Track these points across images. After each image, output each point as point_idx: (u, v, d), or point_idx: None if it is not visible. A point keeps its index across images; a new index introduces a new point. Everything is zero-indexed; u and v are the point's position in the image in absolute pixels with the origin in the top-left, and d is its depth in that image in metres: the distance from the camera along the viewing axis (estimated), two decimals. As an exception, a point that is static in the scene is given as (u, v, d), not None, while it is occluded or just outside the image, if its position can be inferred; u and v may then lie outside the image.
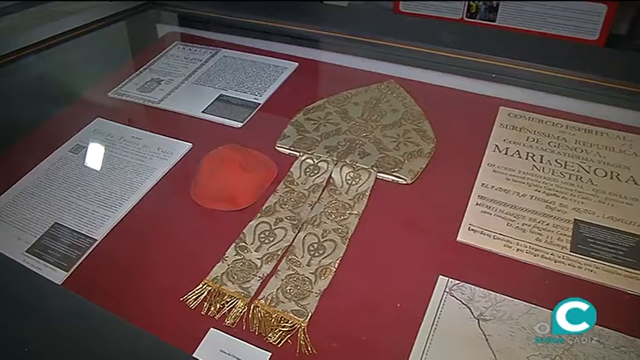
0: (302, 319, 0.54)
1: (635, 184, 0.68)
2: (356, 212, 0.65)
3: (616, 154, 0.73)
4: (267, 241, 0.63)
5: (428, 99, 0.83)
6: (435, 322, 0.53)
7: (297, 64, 0.95)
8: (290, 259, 0.60)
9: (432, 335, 0.52)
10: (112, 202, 0.69)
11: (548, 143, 0.74)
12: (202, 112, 0.85)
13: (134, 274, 0.61)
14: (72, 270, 0.62)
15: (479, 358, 0.50)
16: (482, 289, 0.56)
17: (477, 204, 0.65)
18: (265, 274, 0.59)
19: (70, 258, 0.63)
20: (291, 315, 0.55)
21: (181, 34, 1.12)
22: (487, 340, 0.52)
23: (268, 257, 0.61)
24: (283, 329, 0.54)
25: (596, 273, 0.57)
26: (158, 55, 1.02)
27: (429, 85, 0.88)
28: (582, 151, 0.73)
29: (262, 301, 0.56)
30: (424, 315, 0.54)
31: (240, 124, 0.81)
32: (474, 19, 1.16)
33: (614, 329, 0.52)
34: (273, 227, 0.64)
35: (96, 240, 0.65)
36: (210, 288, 0.58)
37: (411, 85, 0.86)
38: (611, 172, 0.69)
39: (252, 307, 0.56)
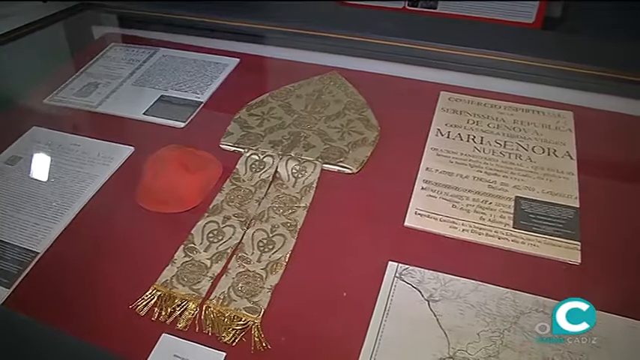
0: (255, 316, 0.54)
1: (571, 158, 0.70)
2: (303, 205, 0.65)
3: (552, 131, 0.75)
4: (215, 240, 0.62)
5: (371, 88, 0.84)
6: (387, 308, 0.54)
7: (238, 59, 0.94)
8: (240, 257, 0.60)
9: (384, 320, 0.53)
10: (53, 213, 0.67)
11: (488, 124, 0.76)
12: (143, 113, 0.83)
13: (81, 285, 0.60)
14: (14, 286, 0.59)
15: (431, 339, 0.51)
16: (431, 271, 0.57)
17: (422, 188, 0.66)
18: (216, 274, 0.58)
19: (11, 274, 0.60)
20: (244, 312, 0.54)
21: (118, 35, 1.09)
22: (438, 320, 0.53)
23: (218, 256, 0.60)
24: (237, 328, 0.53)
25: (538, 246, 0.59)
26: (95, 58, 0.99)
27: (371, 74, 0.89)
28: (520, 130, 0.75)
29: (214, 301, 0.56)
30: (376, 301, 0.55)
31: (182, 124, 0.80)
32: (416, 7, 1.17)
33: (556, 299, 0.54)
34: (222, 226, 0.63)
35: (38, 253, 0.62)
36: (160, 292, 0.57)
37: (354, 75, 0.87)
38: (548, 149, 0.72)
39: (204, 308, 0.55)
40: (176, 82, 0.89)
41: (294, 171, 0.69)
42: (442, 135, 0.74)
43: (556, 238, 0.60)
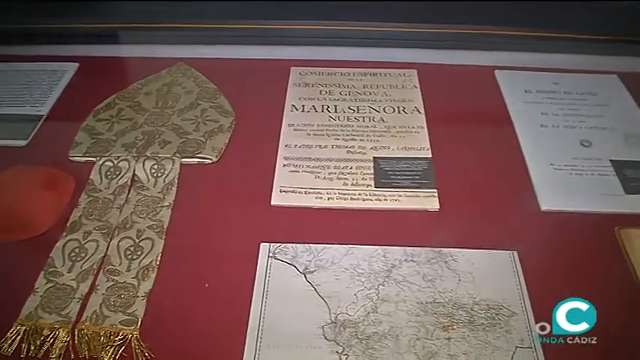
0: (132, 328, 0.52)
1: (419, 112, 0.75)
2: (167, 204, 0.63)
3: (399, 90, 0.79)
4: (79, 259, 0.58)
5: (221, 74, 0.82)
6: (266, 289, 0.54)
7: (77, 64, 0.88)
8: (108, 270, 0.57)
9: (264, 302, 0.53)
10: None
11: (340, 92, 0.78)
12: (-26, 140, 0.75)
13: None
14: None
15: (312, 309, 0.53)
16: (303, 245, 0.58)
17: (284, 165, 0.67)
18: (84, 294, 0.55)
19: None
20: (121, 327, 0.52)
21: None
22: (316, 290, 0.54)
23: (84, 275, 0.57)
24: (115, 344, 0.51)
25: (399, 201, 0.62)
26: None
27: (219, 60, 0.87)
28: (371, 93, 0.78)
29: (87, 323, 0.52)
30: (254, 284, 0.55)
31: (24, 142, 0.73)
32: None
33: (422, 246, 0.58)
34: (83, 242, 0.60)
35: None
36: (25, 327, 0.52)
37: (202, 64, 0.85)
38: (398, 107, 0.75)
39: (76, 332, 0.52)
40: (9, 98, 0.81)
41: (152, 171, 0.67)
42: (297, 110, 0.75)
43: (415, 190, 0.64)
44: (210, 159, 0.68)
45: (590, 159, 0.69)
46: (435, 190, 0.63)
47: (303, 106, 0.76)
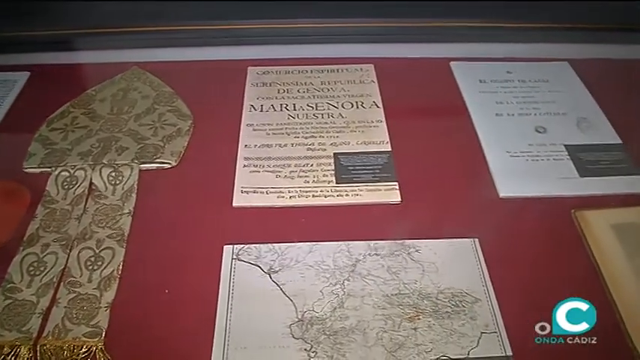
0: (96, 340, 0.51)
1: (378, 107, 0.75)
2: (127, 211, 0.62)
3: (357, 85, 0.79)
4: (38, 273, 0.57)
5: (177, 77, 0.81)
6: (231, 291, 0.54)
7: (28, 73, 0.85)
8: (69, 282, 0.56)
9: (230, 304, 0.53)
10: None
11: (298, 90, 0.78)
12: None
13: None
14: None
15: (279, 308, 0.52)
16: (266, 245, 0.58)
17: (245, 166, 0.66)
18: (45, 308, 0.54)
19: None
20: (84, 339, 0.51)
21: None
22: (281, 289, 0.54)
23: (44, 289, 0.55)
24: (79, 357, 0.50)
25: (361, 195, 0.63)
26: None
27: (175, 63, 0.86)
28: (329, 90, 0.79)
29: (49, 337, 0.51)
30: (219, 287, 0.54)
31: (-26, 157, 0.71)
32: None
33: (385, 239, 0.58)
34: (42, 255, 0.58)
35: None
36: (-16, 346, 0.51)
37: (158, 67, 0.83)
38: (357, 102, 0.76)
39: (39, 348, 0.51)
40: (-43, 112, 0.79)
41: (110, 178, 0.65)
42: (256, 110, 0.75)
43: (376, 184, 0.64)
44: (170, 163, 0.67)
45: (544, 144, 0.70)
46: (396, 183, 0.64)
47: (262, 105, 0.76)
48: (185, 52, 0.87)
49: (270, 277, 0.55)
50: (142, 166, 0.67)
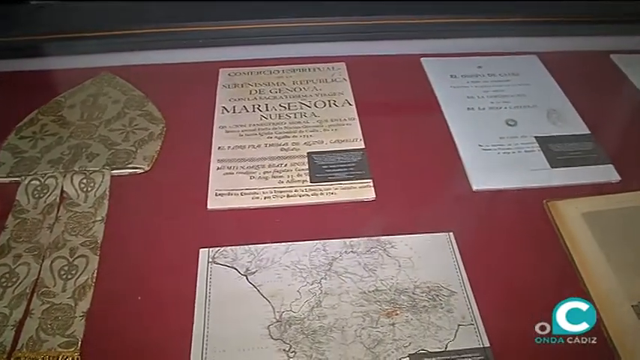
0: (72, 350, 0.50)
1: (350, 104, 0.75)
2: (100, 218, 0.61)
3: (329, 83, 0.80)
4: (9, 284, 0.55)
5: (148, 81, 0.80)
6: (208, 294, 0.54)
7: (-7, 80, 0.84)
8: (42, 293, 0.55)
9: (208, 308, 0.53)
10: None
11: (270, 91, 0.78)
12: None
13: None
14: None
15: (257, 310, 0.52)
16: (242, 247, 0.57)
17: (218, 168, 0.66)
18: (18, 320, 0.53)
19: None
20: (60, 350, 0.50)
21: None
22: (259, 290, 0.54)
23: (17, 301, 0.54)
24: (55, 368, 0.49)
25: (336, 194, 0.63)
26: None
27: (145, 66, 0.84)
28: (301, 89, 0.78)
29: (23, 350, 0.50)
30: (196, 292, 0.54)
31: (-59, 168, 0.69)
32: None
33: (361, 236, 0.58)
34: (13, 266, 0.57)
35: None
36: (-44, 362, 0.50)
37: (128, 71, 0.82)
38: (329, 101, 0.76)
39: (13, 361, 0.50)
40: None
41: (81, 185, 0.64)
42: (228, 111, 0.75)
43: (350, 182, 0.64)
44: (142, 168, 0.67)
45: (516, 137, 0.71)
46: (370, 180, 0.64)
47: (234, 107, 0.75)
48: (155, 55, 0.86)
49: (247, 279, 0.54)
50: (113, 172, 0.66)
